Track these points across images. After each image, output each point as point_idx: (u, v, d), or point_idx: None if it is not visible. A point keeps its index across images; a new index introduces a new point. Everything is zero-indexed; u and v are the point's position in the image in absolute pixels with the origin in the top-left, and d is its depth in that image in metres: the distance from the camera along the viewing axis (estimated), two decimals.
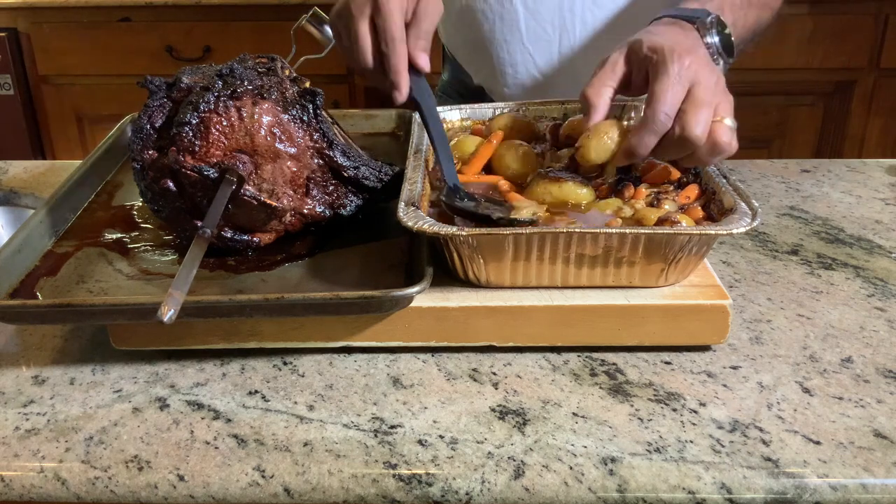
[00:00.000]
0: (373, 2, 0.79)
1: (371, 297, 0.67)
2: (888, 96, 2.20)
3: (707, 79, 0.71)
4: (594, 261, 0.70)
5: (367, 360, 0.73)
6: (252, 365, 0.72)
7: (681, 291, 0.72)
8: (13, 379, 0.71)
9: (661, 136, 0.70)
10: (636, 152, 0.72)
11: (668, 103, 0.69)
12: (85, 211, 0.87)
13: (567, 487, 0.60)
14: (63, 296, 0.73)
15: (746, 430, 0.64)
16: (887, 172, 1.09)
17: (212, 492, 0.61)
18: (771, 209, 0.99)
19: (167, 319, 0.60)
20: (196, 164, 0.73)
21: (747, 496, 0.59)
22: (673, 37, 0.75)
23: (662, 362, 0.72)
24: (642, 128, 0.70)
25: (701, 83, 0.70)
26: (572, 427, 0.64)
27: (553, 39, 1.07)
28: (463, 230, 0.68)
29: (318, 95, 0.77)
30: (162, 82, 0.78)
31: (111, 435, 0.65)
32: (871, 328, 0.76)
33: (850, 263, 0.87)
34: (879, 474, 0.60)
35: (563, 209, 0.77)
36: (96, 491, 0.61)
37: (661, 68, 0.70)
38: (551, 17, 1.07)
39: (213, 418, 0.66)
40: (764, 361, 0.71)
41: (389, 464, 0.61)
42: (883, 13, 2.11)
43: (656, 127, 0.70)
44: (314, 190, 0.78)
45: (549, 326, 0.71)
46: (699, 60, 0.72)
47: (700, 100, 0.70)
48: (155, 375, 0.71)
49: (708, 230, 0.68)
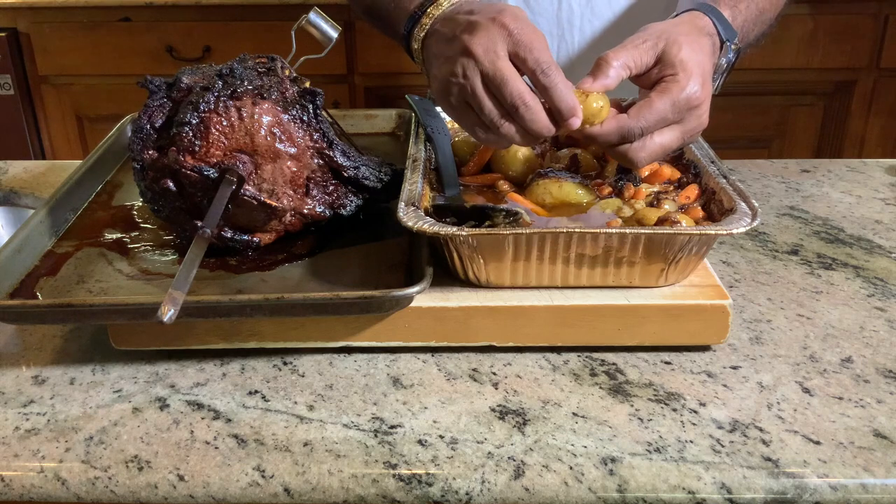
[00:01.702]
0: (506, 36, 0.71)
1: (371, 297, 0.67)
2: (888, 96, 2.20)
3: (696, 126, 0.74)
4: (594, 261, 0.70)
5: (367, 360, 0.73)
6: (252, 365, 0.72)
7: (681, 291, 0.72)
8: (13, 379, 0.71)
9: (623, 141, 0.72)
10: (599, 139, 0.73)
11: (652, 123, 0.72)
12: (85, 211, 0.87)
13: (567, 487, 0.60)
14: (63, 296, 0.73)
15: (746, 430, 0.64)
16: (887, 172, 1.09)
17: (212, 492, 0.61)
18: (771, 209, 0.99)
19: (167, 319, 0.60)
20: (196, 164, 0.73)
21: (747, 496, 0.59)
22: (702, 58, 0.75)
23: (662, 362, 0.72)
24: (614, 122, 0.72)
25: (687, 125, 0.73)
26: (572, 427, 0.64)
27: (551, 48, 1.07)
28: (463, 230, 0.68)
29: (318, 95, 0.77)
30: (162, 82, 0.78)
31: (111, 435, 0.65)
32: (871, 328, 0.76)
33: (850, 263, 0.87)
34: (879, 474, 0.60)
35: (563, 209, 0.77)
36: (96, 491, 0.61)
37: (675, 89, 0.72)
38: (549, 27, 1.08)
39: (213, 418, 0.66)
40: (764, 361, 0.71)
41: (389, 464, 0.61)
42: (883, 13, 2.10)
43: (626, 134, 0.72)
44: (314, 190, 0.78)
45: (549, 326, 0.71)
46: (707, 103, 0.74)
47: (668, 139, 0.73)
48: (155, 375, 0.71)
49: (708, 230, 0.68)
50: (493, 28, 0.71)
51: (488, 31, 0.71)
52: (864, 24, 2.12)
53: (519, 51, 0.70)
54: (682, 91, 0.72)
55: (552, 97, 0.70)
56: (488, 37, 0.71)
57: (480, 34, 0.71)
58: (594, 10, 1.07)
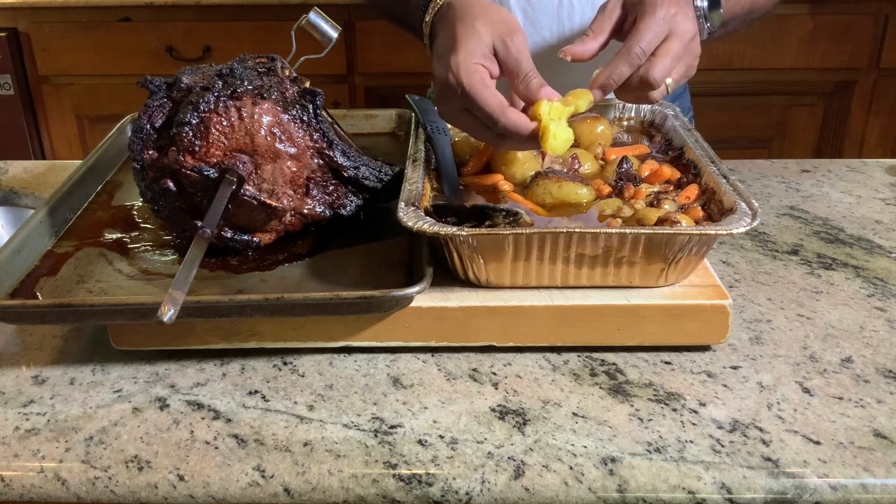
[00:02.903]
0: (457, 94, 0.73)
1: (371, 297, 0.67)
2: (888, 96, 2.20)
3: (684, 32, 0.77)
4: (594, 261, 0.70)
5: (367, 360, 0.73)
6: (252, 365, 0.72)
7: (681, 291, 0.72)
8: (13, 379, 0.71)
9: (633, 69, 0.75)
10: (608, 82, 0.75)
11: (646, 40, 0.75)
12: (85, 211, 0.87)
13: (567, 487, 0.60)
14: (63, 296, 0.73)
15: (746, 430, 0.64)
16: (887, 172, 1.09)
17: (212, 492, 0.61)
18: (771, 209, 0.99)
19: (167, 319, 0.60)
20: (196, 164, 0.73)
21: (747, 496, 0.59)
22: None
23: (662, 362, 0.72)
24: (618, 59, 0.75)
25: (678, 35, 0.76)
26: (572, 427, 0.64)
27: (551, 45, 1.07)
28: (463, 230, 0.68)
29: (318, 95, 0.77)
30: (162, 82, 0.78)
31: (111, 435, 0.65)
32: (871, 328, 0.76)
33: (850, 263, 0.87)
34: (879, 474, 0.60)
35: (563, 209, 0.77)
36: (96, 491, 0.61)
37: (650, 10, 0.76)
38: (549, 24, 1.08)
39: (213, 418, 0.66)
40: (764, 361, 0.71)
41: (389, 464, 0.61)
42: (883, 13, 2.10)
43: (631, 59, 0.75)
44: (314, 190, 0.78)
45: (549, 326, 0.71)
46: (683, 13, 0.77)
47: (670, 50, 0.76)
48: (155, 375, 0.71)
49: (708, 230, 0.68)
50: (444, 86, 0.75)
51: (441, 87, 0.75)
52: (864, 24, 2.12)
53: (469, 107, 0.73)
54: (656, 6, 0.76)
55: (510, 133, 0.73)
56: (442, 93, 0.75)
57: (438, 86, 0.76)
58: (594, 6, 1.07)
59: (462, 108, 0.74)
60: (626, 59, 0.75)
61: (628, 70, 0.75)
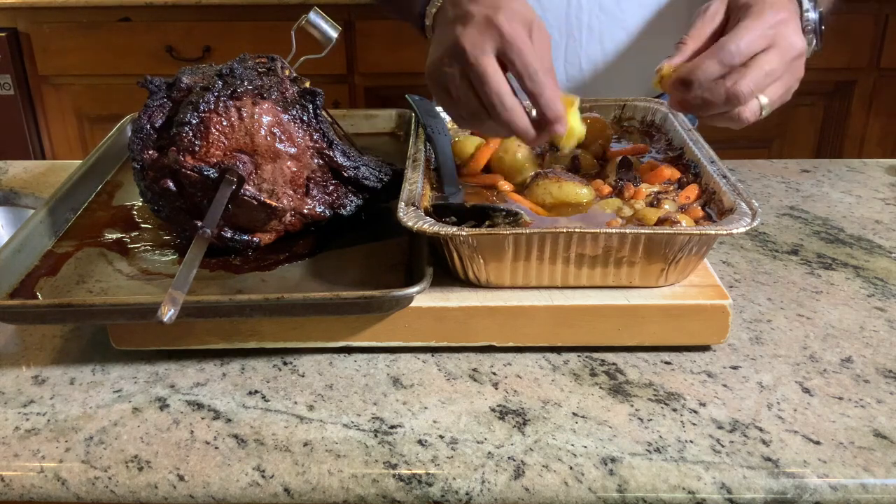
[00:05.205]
0: (497, 36, 0.68)
1: (371, 297, 0.67)
2: (888, 96, 2.20)
3: (789, 47, 0.69)
4: (594, 261, 0.70)
5: (367, 360, 0.73)
6: (252, 365, 0.72)
7: (681, 291, 0.72)
8: (13, 379, 0.71)
9: (725, 69, 0.67)
10: (694, 76, 0.69)
11: (745, 41, 0.67)
12: (85, 211, 0.87)
13: (567, 487, 0.60)
14: (63, 296, 0.73)
15: (746, 430, 0.64)
16: (887, 172, 1.09)
17: (212, 492, 0.61)
18: (771, 209, 0.99)
19: (167, 319, 0.60)
20: (196, 164, 0.73)
21: (747, 496, 0.59)
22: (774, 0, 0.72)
23: (662, 362, 0.72)
24: (710, 53, 0.68)
25: (780, 48, 0.68)
26: (572, 427, 0.64)
27: (559, 45, 1.07)
28: (463, 230, 0.68)
29: (318, 95, 0.77)
30: (162, 82, 0.78)
31: (111, 435, 0.65)
32: (871, 328, 0.76)
33: (850, 263, 0.87)
34: (879, 474, 0.60)
35: (563, 209, 0.77)
36: (96, 491, 0.61)
37: (756, 12, 0.69)
38: (558, 24, 1.08)
39: (213, 418, 0.66)
40: (764, 361, 0.72)
41: (389, 464, 0.61)
42: (883, 13, 2.10)
43: (724, 57, 0.67)
44: (314, 190, 0.78)
45: (549, 326, 0.71)
46: (792, 26, 0.70)
47: (766, 62, 0.67)
48: (155, 375, 0.71)
49: (708, 230, 0.68)
50: (484, 25, 0.69)
51: (479, 26, 0.69)
52: (864, 24, 2.12)
53: (507, 52, 0.69)
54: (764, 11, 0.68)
55: (538, 103, 0.69)
56: (478, 32, 0.69)
57: (472, 28, 0.70)
58: (602, 6, 1.07)
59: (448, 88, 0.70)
60: (720, 56, 0.66)
61: (717, 69, 0.67)
